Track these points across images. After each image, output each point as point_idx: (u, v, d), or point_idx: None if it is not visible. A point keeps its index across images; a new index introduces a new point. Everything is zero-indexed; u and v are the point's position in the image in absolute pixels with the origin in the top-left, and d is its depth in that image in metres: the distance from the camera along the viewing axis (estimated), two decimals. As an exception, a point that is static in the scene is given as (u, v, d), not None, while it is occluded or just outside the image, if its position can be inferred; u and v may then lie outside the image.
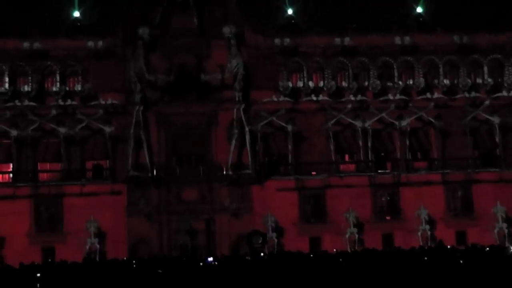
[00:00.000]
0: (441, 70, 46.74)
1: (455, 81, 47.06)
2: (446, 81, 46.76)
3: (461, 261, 23.87)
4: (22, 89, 43.70)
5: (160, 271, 24.47)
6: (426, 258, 25.46)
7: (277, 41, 45.89)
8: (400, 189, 46.00)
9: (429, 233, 44.54)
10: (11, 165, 43.89)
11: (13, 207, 42.41)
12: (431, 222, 44.97)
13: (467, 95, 46.85)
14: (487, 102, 46.74)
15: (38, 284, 23.11)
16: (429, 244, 42.91)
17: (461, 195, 46.51)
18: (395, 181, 46.01)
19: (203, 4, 45.59)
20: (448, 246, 35.54)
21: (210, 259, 30.78)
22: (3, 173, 44.44)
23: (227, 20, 45.23)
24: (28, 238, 42.73)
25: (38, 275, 24.00)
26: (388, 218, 46.14)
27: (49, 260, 38.80)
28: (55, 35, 44.83)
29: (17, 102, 43.57)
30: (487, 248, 30.19)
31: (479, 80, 47.15)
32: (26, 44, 43.86)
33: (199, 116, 44.92)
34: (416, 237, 44.02)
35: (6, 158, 43.77)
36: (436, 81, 46.92)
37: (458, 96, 46.95)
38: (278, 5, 47.66)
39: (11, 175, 43.99)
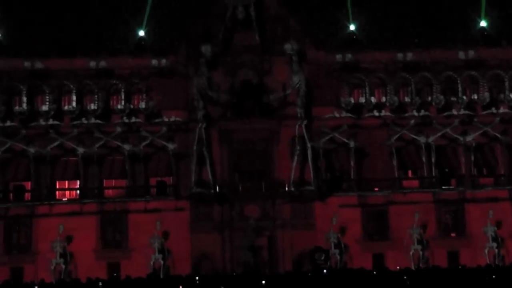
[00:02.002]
0: (506, 84, 45.88)
1: (522, 95, 46.14)
2: (513, 95, 45.91)
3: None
4: (88, 107, 44.72)
5: (222, 287, 24.60)
6: (494, 277, 24.94)
7: (338, 57, 45.82)
8: (465, 206, 45.22)
9: (496, 251, 43.56)
10: (78, 182, 44.86)
11: (80, 223, 43.29)
12: (498, 239, 43.96)
13: (534, 109, 45.93)
14: (556, 117, 45.81)
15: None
16: (496, 263, 41.98)
17: (530, 212, 45.43)
18: (460, 198, 45.29)
19: (264, 21, 45.92)
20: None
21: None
22: (70, 189, 45.48)
23: (288, 36, 45.39)
24: (94, 253, 43.51)
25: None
26: (453, 235, 45.37)
27: (115, 275, 39.34)
28: (120, 54, 45.80)
29: (84, 120, 44.57)
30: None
31: (547, 94, 46.15)
32: (92, 63, 44.96)
33: (261, 132, 45.17)
34: (482, 255, 43.09)
35: (74, 175, 44.74)
36: (501, 95, 46.05)
37: (525, 110, 46.05)
38: (339, 21, 47.64)
39: (78, 191, 44.96)
